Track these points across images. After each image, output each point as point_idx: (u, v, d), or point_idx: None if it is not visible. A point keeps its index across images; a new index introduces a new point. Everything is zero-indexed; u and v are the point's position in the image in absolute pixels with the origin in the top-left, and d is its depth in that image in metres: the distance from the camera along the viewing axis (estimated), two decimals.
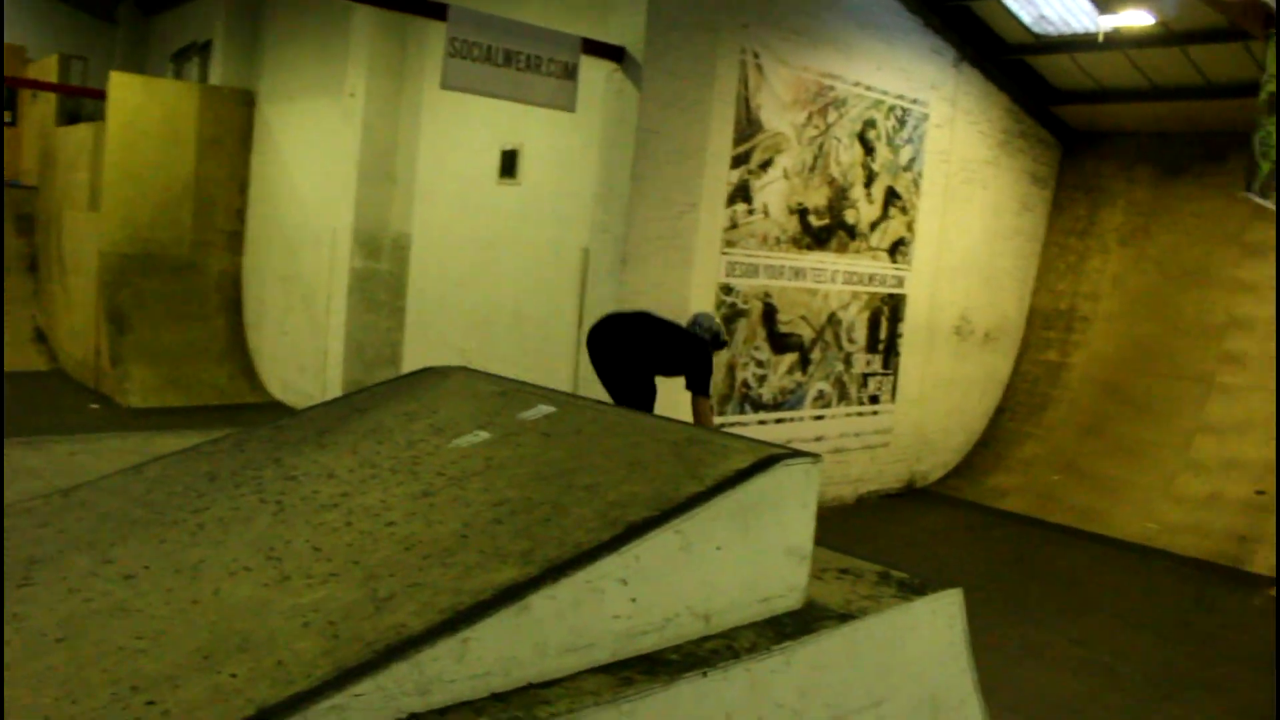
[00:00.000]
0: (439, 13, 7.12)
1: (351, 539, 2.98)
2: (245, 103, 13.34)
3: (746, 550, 3.01)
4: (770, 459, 3.19)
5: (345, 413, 4.12)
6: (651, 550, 2.74)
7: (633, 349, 6.77)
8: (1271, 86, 6.54)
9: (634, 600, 2.71)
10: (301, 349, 11.66)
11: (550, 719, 2.39)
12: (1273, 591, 8.30)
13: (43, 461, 4.43)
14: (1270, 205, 6.85)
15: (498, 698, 2.45)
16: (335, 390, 10.10)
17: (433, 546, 2.84)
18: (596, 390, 7.45)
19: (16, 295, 14.18)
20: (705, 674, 2.72)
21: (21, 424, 10.75)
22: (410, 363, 10.34)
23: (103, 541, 3.20)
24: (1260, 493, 9.47)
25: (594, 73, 7.74)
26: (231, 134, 13.23)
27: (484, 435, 3.63)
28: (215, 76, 13.67)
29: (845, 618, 3.21)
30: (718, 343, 7.11)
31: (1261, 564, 8.85)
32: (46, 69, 14.88)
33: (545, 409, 3.80)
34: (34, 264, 14.47)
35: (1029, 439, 11.17)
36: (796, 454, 3.27)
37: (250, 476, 3.62)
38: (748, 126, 8.50)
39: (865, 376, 9.94)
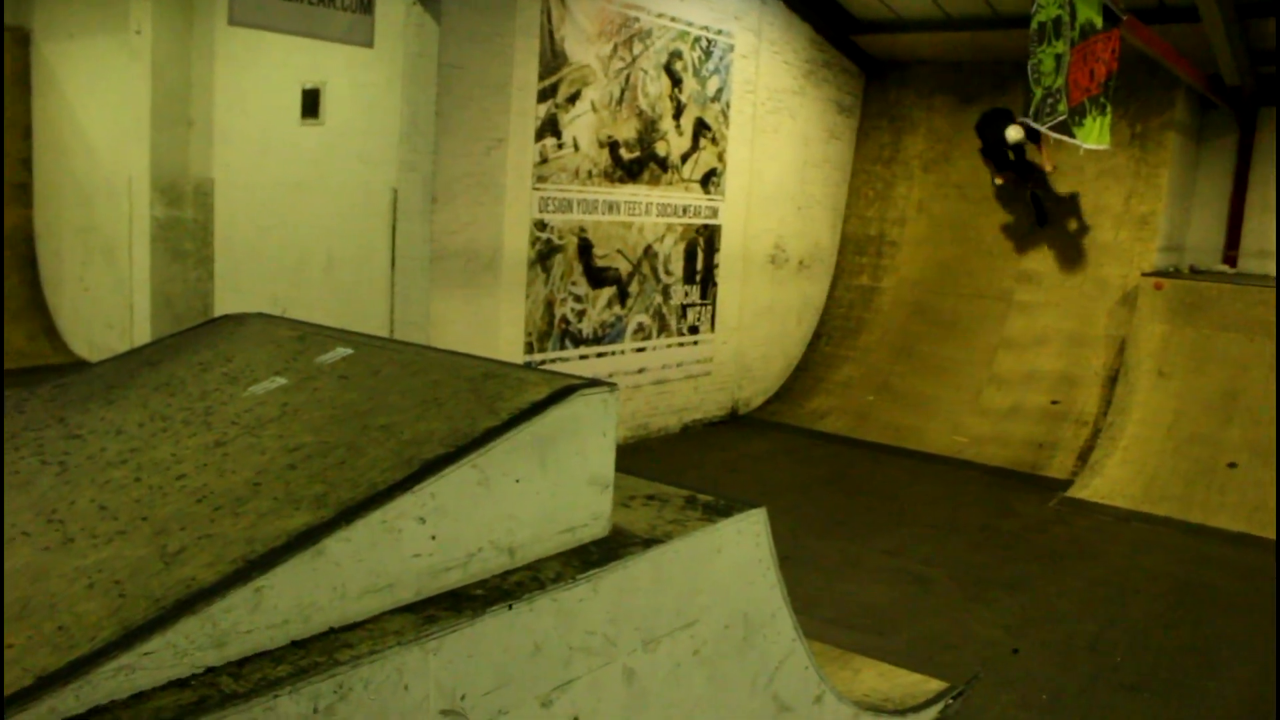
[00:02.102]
0: None
1: (140, 495, 2.88)
2: (20, 41, 12.39)
3: (546, 482, 3.05)
4: (566, 389, 3.22)
5: (135, 367, 3.95)
6: (449, 487, 2.74)
7: None
8: (1041, 15, 6.88)
9: (434, 538, 2.72)
10: (105, 305, 11.07)
11: (352, 661, 2.38)
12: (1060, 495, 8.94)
13: None
14: (1043, 129, 7.24)
15: (297, 644, 2.43)
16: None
17: (225, 497, 2.77)
18: (411, 334, 7.38)
19: None
20: (511, 607, 2.75)
21: None
22: (222, 313, 9.96)
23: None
24: (1055, 402, 10.13)
25: (392, 7, 7.53)
26: (7, 75, 12.30)
27: (280, 381, 3.55)
28: None
29: (651, 543, 3.29)
30: None
31: (1057, 469, 9.51)
32: None
33: (343, 351, 3.73)
34: None
35: (845, 362, 11.62)
36: (593, 383, 3.31)
37: (30, 439, 3.44)
38: (553, 59, 8.43)
39: (684, 307, 10.11)
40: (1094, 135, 7.96)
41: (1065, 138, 7.51)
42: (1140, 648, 5.92)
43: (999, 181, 11.01)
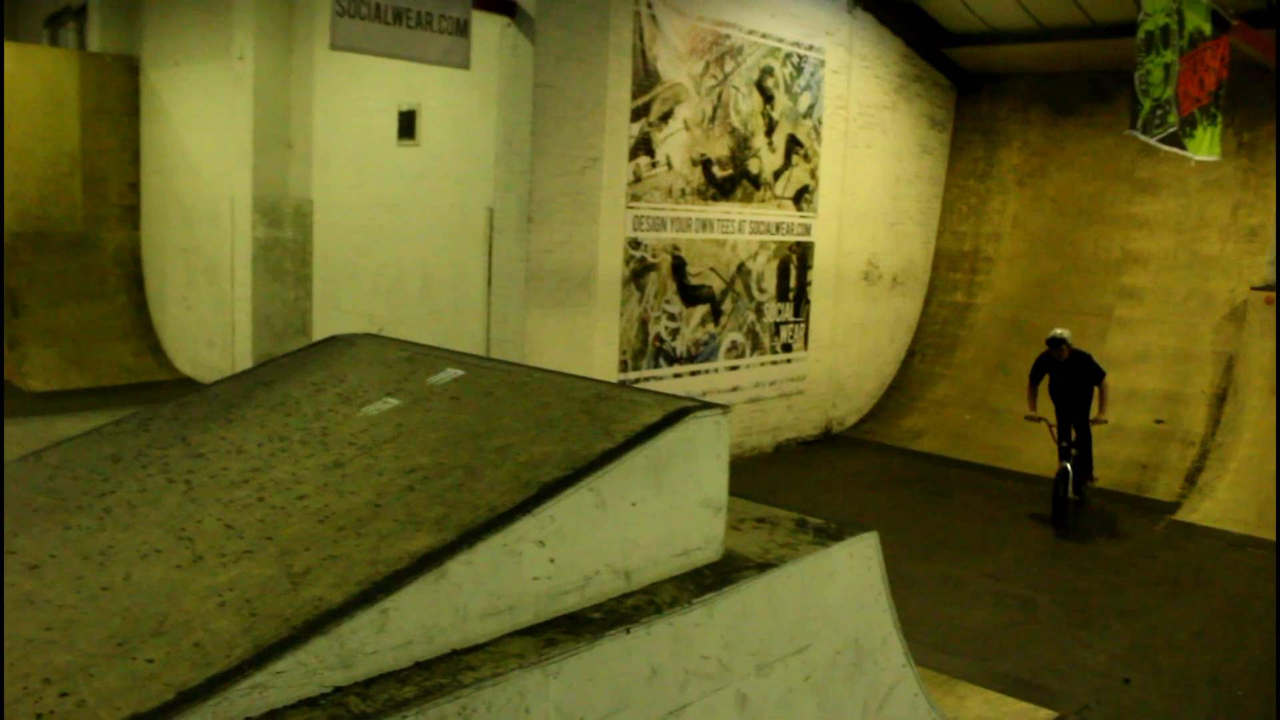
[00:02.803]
0: None
1: (264, 515, 2.94)
2: (129, 69, 12.85)
3: (661, 505, 3.04)
4: (680, 412, 3.21)
5: (251, 387, 4.04)
6: (567, 510, 2.75)
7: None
8: (1149, 25, 6.71)
9: (553, 561, 2.72)
10: (208, 323, 11.38)
11: (476, 684, 2.39)
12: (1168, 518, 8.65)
13: None
14: (1153, 142, 7.04)
15: (422, 666, 2.45)
16: (245, 363, 9.89)
17: (347, 518, 2.81)
18: (507, 351, 7.43)
19: None
20: (629, 630, 2.75)
21: None
22: (320, 331, 10.16)
23: (3, 533, 3.11)
24: (1159, 421, 9.83)
25: (487, 28, 7.62)
26: (118, 103, 12.75)
27: (393, 402, 3.59)
28: (94, 43, 13.13)
29: (764, 567, 3.26)
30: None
31: (1163, 491, 9.20)
32: None
33: (453, 372, 3.77)
34: None
35: (940, 380, 11.43)
36: (705, 406, 3.29)
37: (157, 456, 3.54)
38: (645, 78, 8.47)
39: (777, 325, 10.04)
40: (1205, 146, 7.74)
41: (1176, 150, 7.29)
42: (1264, 682, 5.68)
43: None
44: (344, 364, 4.04)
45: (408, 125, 8.91)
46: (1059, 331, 8.44)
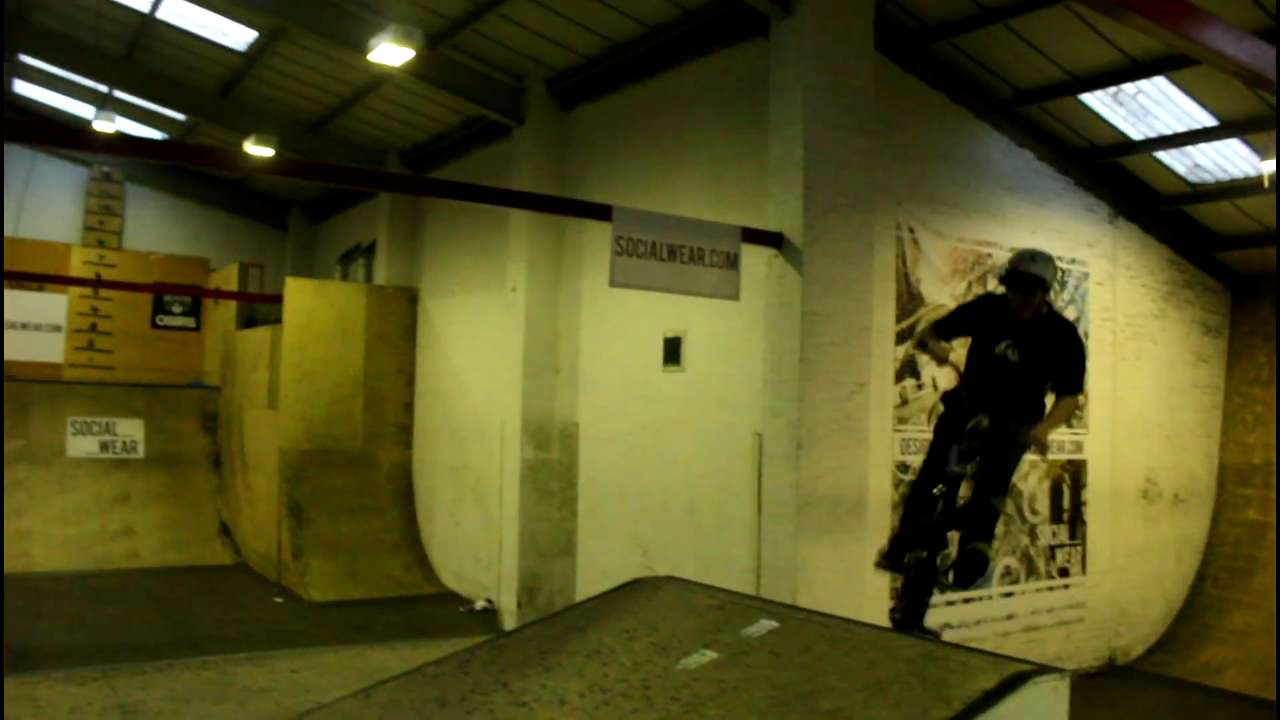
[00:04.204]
0: (604, 214, 7.40)
1: None
2: (409, 299, 14.03)
3: None
4: (1017, 677, 3.06)
5: (562, 631, 4.12)
6: None
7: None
8: None
9: None
10: (474, 539, 11.84)
11: None
12: None
13: (269, 680, 4.55)
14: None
15: None
16: (511, 581, 10.19)
17: None
18: (779, 580, 7.32)
19: (202, 490, 14.93)
20: None
21: (210, 618, 11.16)
22: (585, 552, 10.38)
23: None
24: None
25: (754, 259, 7.89)
26: (397, 330, 13.89)
27: (711, 655, 3.57)
28: (380, 276, 14.48)
29: None
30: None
31: None
32: (228, 277, 16.01)
33: (768, 624, 3.73)
34: (218, 460, 15.24)
35: (1238, 607, 10.45)
36: (1043, 669, 3.12)
37: (480, 703, 3.62)
38: (909, 301, 8.51)
39: (1052, 548, 9.53)
40: None
41: None
42: None
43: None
44: (653, 610, 4.07)
45: (673, 351, 9.22)
46: (1032, 254, 5.45)
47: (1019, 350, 5.48)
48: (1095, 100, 9.19)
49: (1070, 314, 9.76)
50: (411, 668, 4.19)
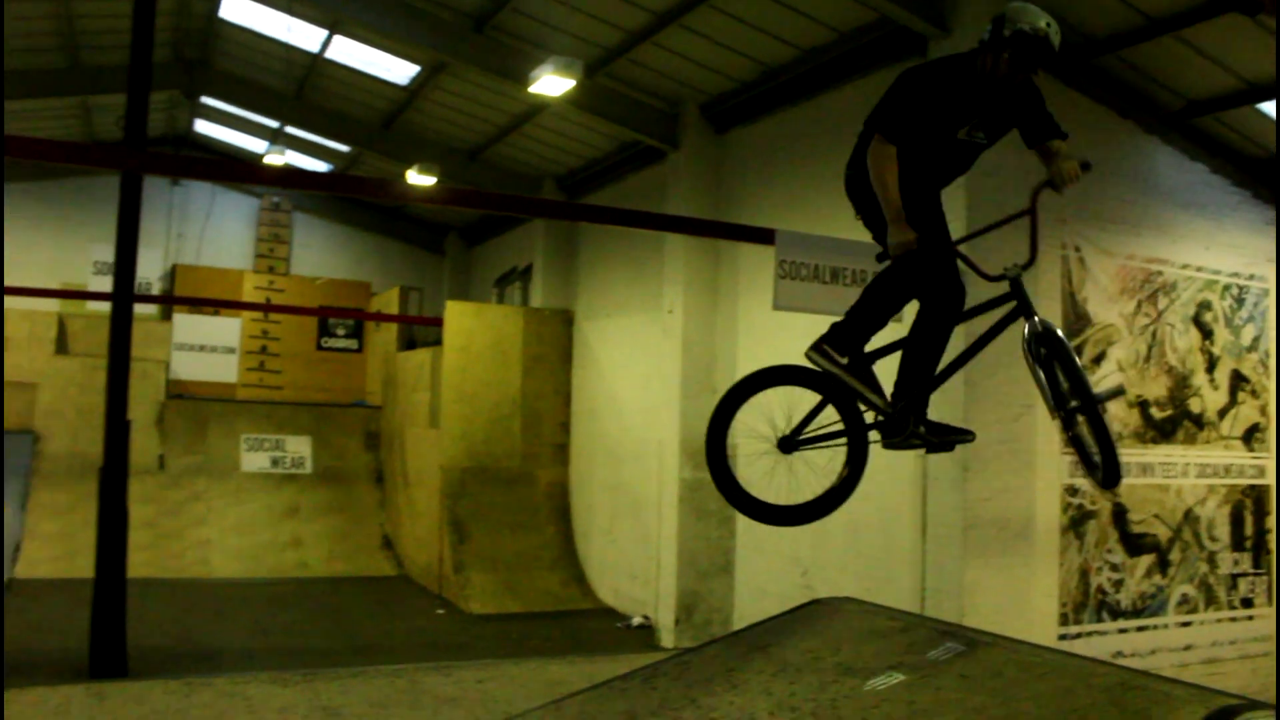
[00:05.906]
0: (767, 238, 7.48)
1: None
2: (565, 321, 14.37)
3: None
4: (1225, 711, 2.99)
5: (745, 650, 4.21)
6: None
7: None
8: None
9: None
10: (631, 557, 12.02)
11: None
12: None
13: (457, 690, 4.77)
14: None
15: None
16: (669, 598, 10.31)
17: None
18: (944, 603, 7.25)
19: (366, 505, 15.58)
20: None
21: (378, 626, 11.64)
22: (743, 571, 10.44)
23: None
24: None
25: None
26: (554, 351, 14.23)
27: (899, 677, 3.61)
28: (536, 298, 14.86)
29: None
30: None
31: None
32: (389, 301, 16.68)
33: (954, 647, 3.75)
34: (380, 477, 15.87)
35: None
36: (1253, 704, 3.05)
37: (671, 718, 3.74)
38: (1076, 320, 8.32)
39: (1234, 577, 9.15)
40: None
41: None
42: None
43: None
44: (835, 631, 4.13)
45: None
46: (1048, 18, 4.15)
47: (986, 128, 4.46)
48: (1275, 109, 8.84)
49: (1249, 332, 9.39)
50: (595, 683, 4.34)
